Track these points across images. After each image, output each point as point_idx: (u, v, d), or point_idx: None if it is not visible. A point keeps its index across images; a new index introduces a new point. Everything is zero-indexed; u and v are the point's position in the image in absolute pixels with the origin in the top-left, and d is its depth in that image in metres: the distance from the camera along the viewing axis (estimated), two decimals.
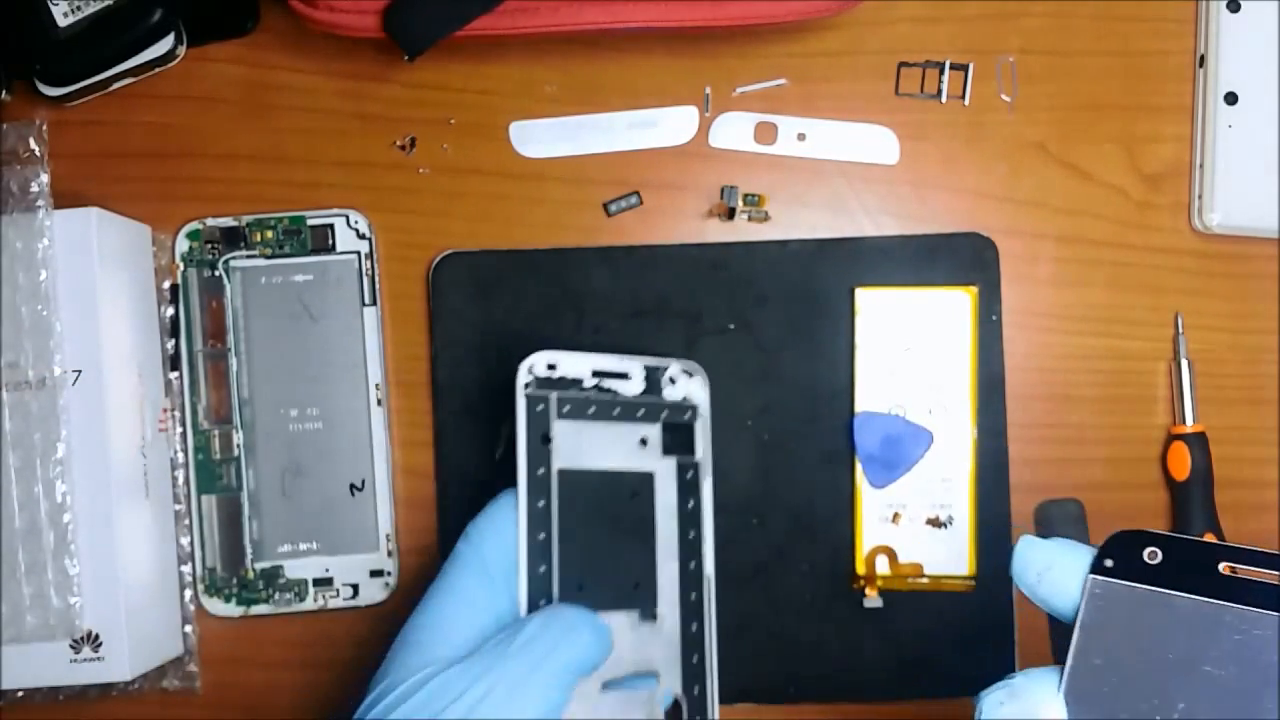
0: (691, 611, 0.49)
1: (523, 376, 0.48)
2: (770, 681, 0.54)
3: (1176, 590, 0.35)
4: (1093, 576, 0.36)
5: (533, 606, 0.47)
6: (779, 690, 0.54)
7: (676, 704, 0.48)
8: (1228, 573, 0.35)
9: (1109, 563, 0.36)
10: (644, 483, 0.49)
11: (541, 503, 0.48)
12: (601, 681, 0.46)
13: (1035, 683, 0.36)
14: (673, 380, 0.49)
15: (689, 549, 0.49)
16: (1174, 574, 0.36)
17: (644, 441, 0.49)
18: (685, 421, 0.50)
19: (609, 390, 0.49)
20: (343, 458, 0.55)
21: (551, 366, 0.48)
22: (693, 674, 0.49)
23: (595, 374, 0.49)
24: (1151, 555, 0.36)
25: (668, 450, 0.50)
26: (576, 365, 0.49)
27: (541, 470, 0.48)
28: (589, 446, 0.49)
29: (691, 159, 0.56)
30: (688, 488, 0.50)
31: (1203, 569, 0.35)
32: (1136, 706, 0.35)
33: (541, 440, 0.49)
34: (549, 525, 0.48)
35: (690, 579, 0.49)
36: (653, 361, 0.50)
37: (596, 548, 0.48)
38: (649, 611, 0.48)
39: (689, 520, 0.49)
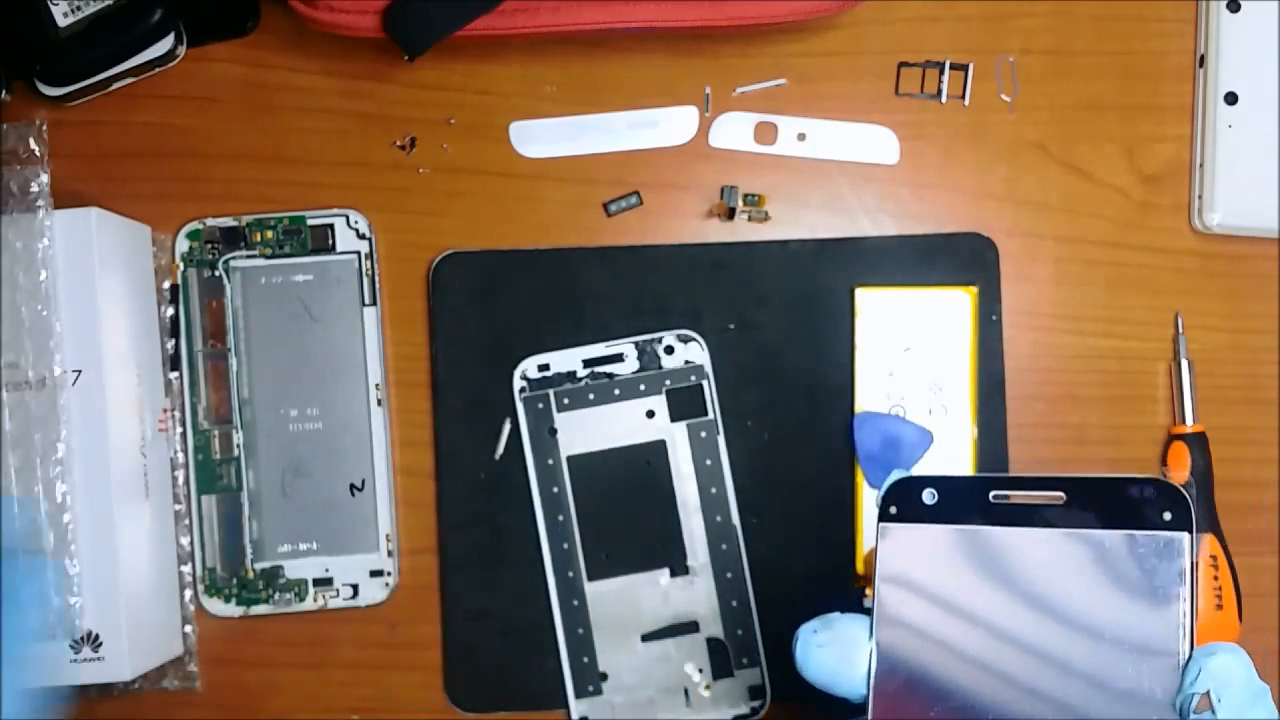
0: (724, 561, 0.53)
1: (517, 383, 0.52)
2: (770, 681, 0.54)
3: (956, 524, 0.38)
4: (881, 524, 0.39)
5: (560, 580, 0.53)
6: (778, 690, 0.54)
7: (719, 644, 0.53)
8: (998, 501, 0.38)
9: (893, 510, 0.39)
10: (657, 451, 0.54)
11: (555, 489, 0.53)
12: (640, 634, 0.53)
13: (850, 623, 0.39)
14: (670, 350, 0.52)
15: (713, 504, 0.54)
16: (952, 510, 0.38)
17: (651, 413, 0.53)
18: (691, 384, 0.53)
19: (605, 375, 0.52)
20: (343, 458, 0.55)
21: (544, 367, 0.53)
22: (734, 618, 0.53)
23: (587, 363, 0.52)
24: (930, 496, 0.39)
25: (676, 416, 0.53)
26: (568, 360, 0.53)
27: (551, 460, 0.52)
28: (595, 430, 0.53)
29: (691, 159, 0.56)
30: (703, 447, 0.53)
31: (976, 501, 0.38)
32: (941, 635, 0.38)
33: (548, 433, 0.53)
34: (565, 507, 0.53)
35: (718, 531, 0.53)
36: (643, 337, 0.53)
37: (618, 518, 0.53)
38: (680, 567, 0.53)
39: (709, 477, 0.54)
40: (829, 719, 0.41)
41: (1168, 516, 0.35)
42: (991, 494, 0.38)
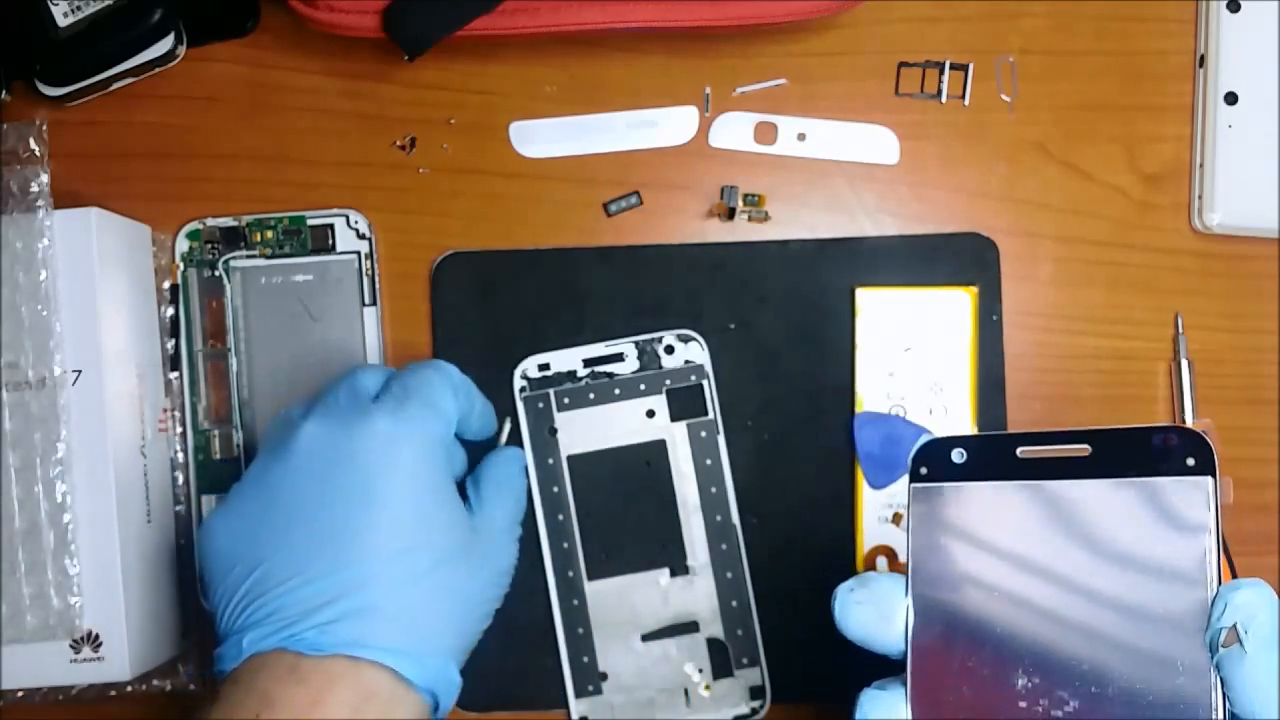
0: (724, 561, 0.53)
1: (518, 382, 0.52)
2: (770, 681, 0.54)
3: (984, 481, 0.39)
4: (912, 485, 0.40)
5: (560, 579, 0.53)
6: (778, 690, 0.54)
7: (719, 644, 0.53)
8: (1025, 456, 0.39)
9: (923, 470, 0.40)
10: (657, 450, 0.53)
11: (556, 488, 0.54)
12: (641, 634, 0.53)
13: (887, 580, 0.40)
14: (670, 349, 0.52)
15: (713, 504, 0.54)
16: (981, 467, 0.39)
17: (651, 413, 0.53)
18: (692, 384, 0.53)
19: (605, 374, 0.52)
20: None
21: (544, 366, 0.53)
22: (733, 618, 0.53)
23: (587, 362, 0.52)
24: (959, 455, 0.40)
25: (676, 416, 0.53)
26: (568, 359, 0.53)
27: (551, 460, 0.52)
28: (595, 429, 0.53)
29: (691, 159, 0.56)
30: (703, 446, 0.53)
31: (1004, 458, 0.39)
32: (974, 590, 0.38)
33: (549, 433, 0.53)
34: (565, 507, 0.53)
35: (718, 531, 0.53)
36: (643, 337, 0.53)
37: (618, 518, 0.53)
38: (680, 567, 0.53)
39: (709, 477, 0.54)
40: (832, 718, 0.42)
41: (1191, 462, 0.36)
42: (1019, 450, 0.39)
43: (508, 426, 0.54)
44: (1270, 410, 0.55)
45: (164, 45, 0.54)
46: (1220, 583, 0.35)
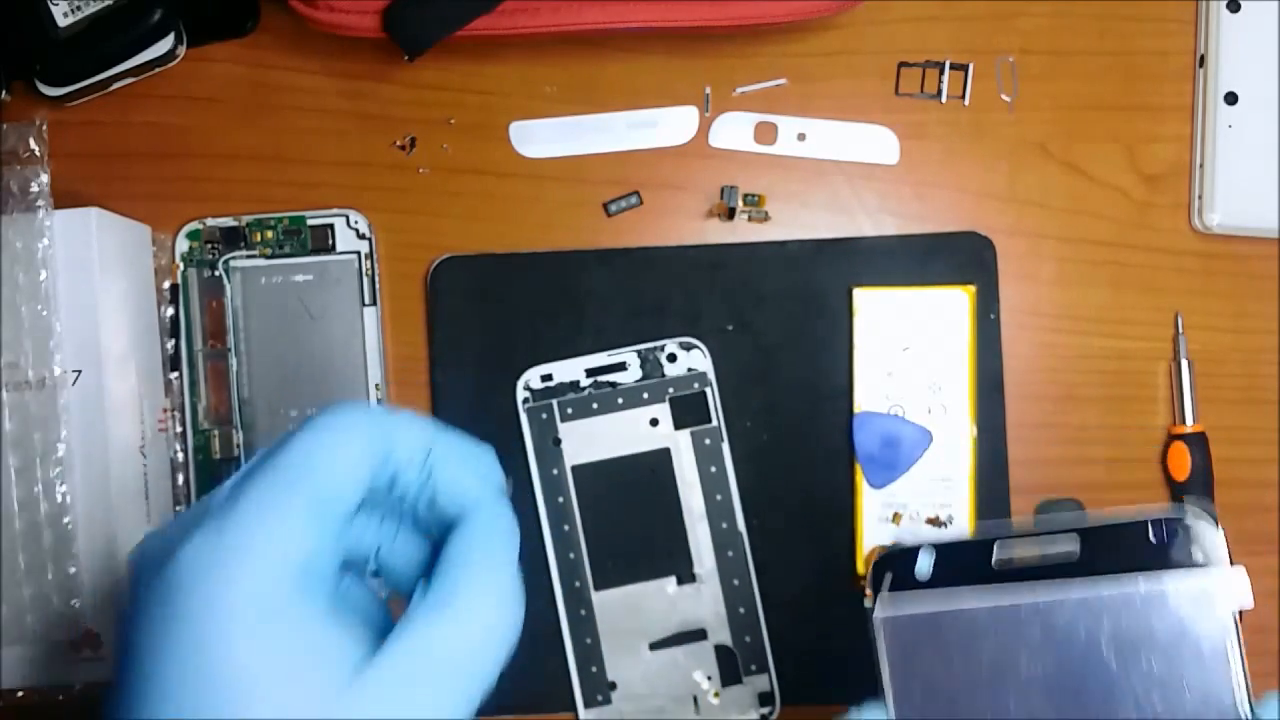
0: (731, 568, 0.53)
1: (521, 394, 0.52)
2: (779, 687, 0.53)
3: (957, 604, 0.34)
4: (878, 611, 0.35)
5: (567, 590, 0.53)
6: (787, 695, 0.54)
7: (727, 651, 0.53)
8: (1002, 567, 0.34)
9: (889, 577, 0.35)
10: (661, 459, 0.53)
11: (561, 499, 0.53)
12: (649, 643, 0.53)
13: (870, 714, 0.35)
14: (672, 358, 0.52)
15: (718, 511, 0.53)
16: (953, 574, 0.34)
17: (654, 421, 0.53)
18: (695, 392, 0.53)
19: (608, 384, 0.53)
20: None
21: (546, 377, 0.52)
22: (741, 625, 0.53)
23: (590, 372, 0.52)
24: (925, 567, 0.35)
25: (680, 424, 0.53)
26: (570, 370, 0.52)
27: (555, 470, 0.52)
28: (599, 439, 0.53)
29: (691, 159, 0.56)
30: (707, 454, 0.53)
31: (978, 563, 0.34)
32: (965, 715, 0.33)
33: (553, 443, 0.53)
34: (571, 517, 0.53)
35: (724, 538, 0.53)
36: (646, 345, 0.53)
37: (624, 526, 0.53)
38: (687, 575, 0.53)
39: (714, 484, 0.54)
40: None
41: (1198, 555, 0.31)
42: (994, 559, 0.34)
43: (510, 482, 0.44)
44: (1270, 410, 0.55)
45: (164, 45, 0.54)
46: (1251, 702, 0.30)
